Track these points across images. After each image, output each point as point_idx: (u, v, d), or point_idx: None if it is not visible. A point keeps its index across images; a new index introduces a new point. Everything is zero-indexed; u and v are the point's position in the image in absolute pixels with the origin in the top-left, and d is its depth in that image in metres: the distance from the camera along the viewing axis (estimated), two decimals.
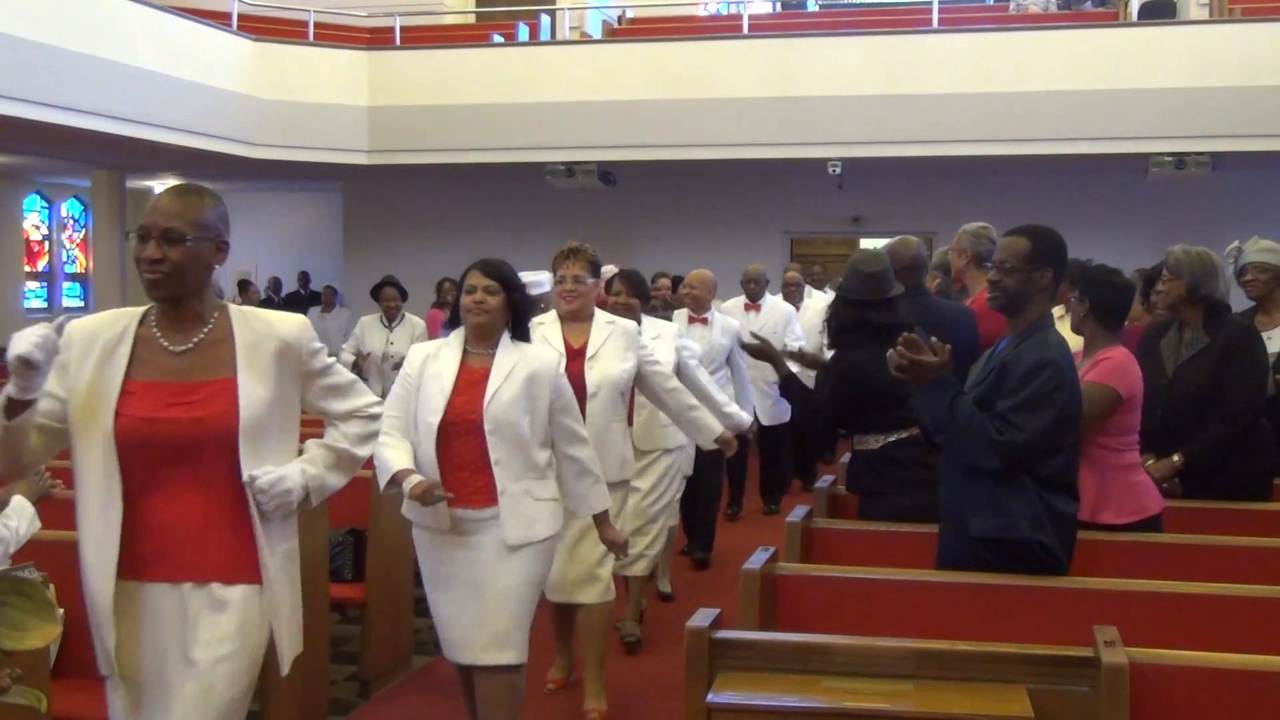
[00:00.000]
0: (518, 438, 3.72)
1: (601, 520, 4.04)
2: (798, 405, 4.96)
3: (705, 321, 6.97)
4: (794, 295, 9.00)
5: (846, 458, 4.56)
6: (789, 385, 4.59)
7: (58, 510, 3.30)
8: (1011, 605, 3.31)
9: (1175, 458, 4.40)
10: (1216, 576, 3.52)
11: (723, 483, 7.56)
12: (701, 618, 3.02)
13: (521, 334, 3.86)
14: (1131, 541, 3.83)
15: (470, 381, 3.75)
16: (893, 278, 4.37)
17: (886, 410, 4.16)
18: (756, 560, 3.43)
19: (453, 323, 3.95)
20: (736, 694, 2.85)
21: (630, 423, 4.87)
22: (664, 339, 5.35)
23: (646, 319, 5.41)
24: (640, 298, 5.41)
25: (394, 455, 3.72)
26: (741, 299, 8.45)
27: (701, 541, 7.09)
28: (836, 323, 4.39)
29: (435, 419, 3.71)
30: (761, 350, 4.68)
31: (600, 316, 4.74)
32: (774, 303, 8.47)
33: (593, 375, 4.58)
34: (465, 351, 3.84)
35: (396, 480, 3.68)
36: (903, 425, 4.19)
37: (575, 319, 4.69)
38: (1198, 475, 4.42)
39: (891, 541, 3.98)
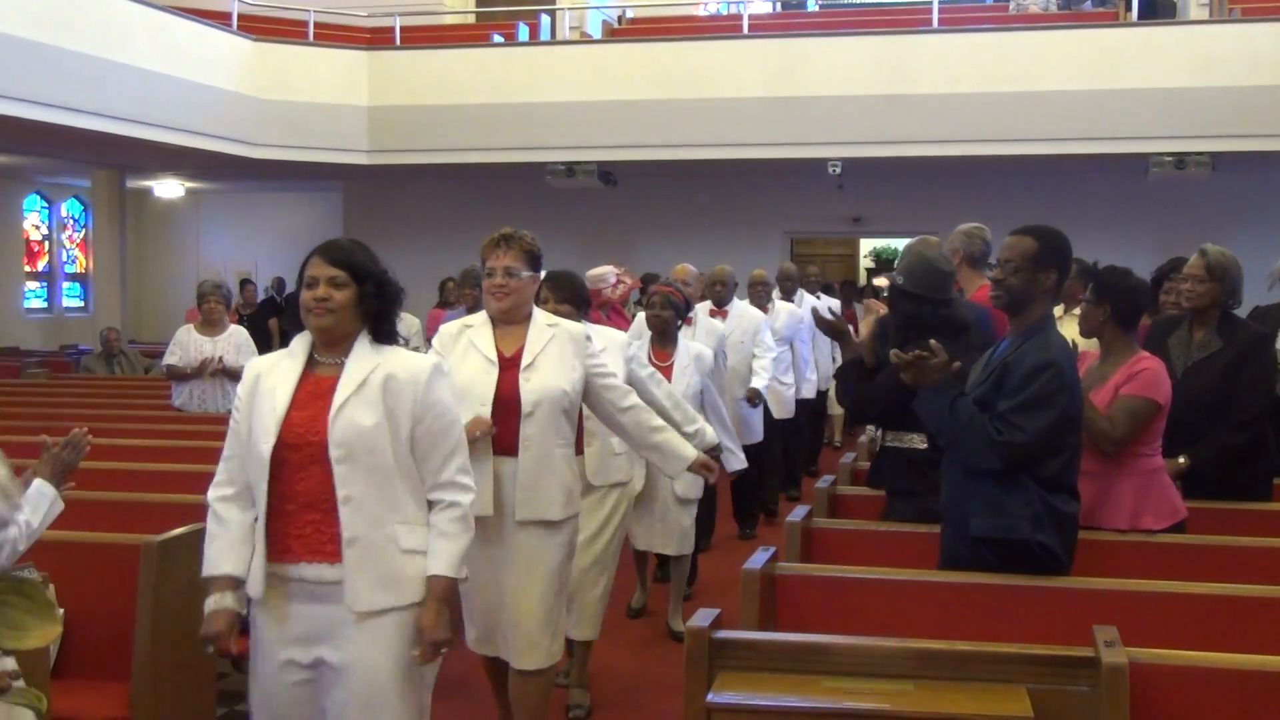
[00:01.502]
0: (375, 467, 2.86)
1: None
2: (851, 391, 4.46)
3: (690, 322, 6.43)
4: (761, 297, 8.00)
5: (847, 458, 4.55)
6: (851, 368, 4.37)
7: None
8: (1011, 605, 3.31)
9: (1181, 460, 4.39)
10: (1217, 576, 3.52)
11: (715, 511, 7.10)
12: (701, 618, 3.01)
13: (385, 335, 3.00)
14: (1131, 541, 3.83)
15: (314, 394, 2.91)
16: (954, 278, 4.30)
17: None
18: (756, 560, 3.43)
19: (295, 327, 3.07)
20: (736, 694, 2.84)
21: (580, 450, 4.10)
22: (611, 350, 4.53)
23: (589, 326, 4.54)
24: (575, 303, 4.58)
25: (217, 547, 2.93)
26: (706, 305, 7.45)
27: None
28: (902, 318, 4.16)
29: (267, 445, 2.85)
30: (834, 328, 4.49)
31: (540, 318, 3.97)
32: (742, 309, 7.60)
33: (529, 389, 3.80)
34: (311, 360, 2.99)
35: (208, 590, 2.92)
36: None
37: (508, 320, 3.92)
38: (1202, 477, 4.42)
39: (891, 541, 3.98)
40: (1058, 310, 4.19)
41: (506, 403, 3.79)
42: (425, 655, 2.85)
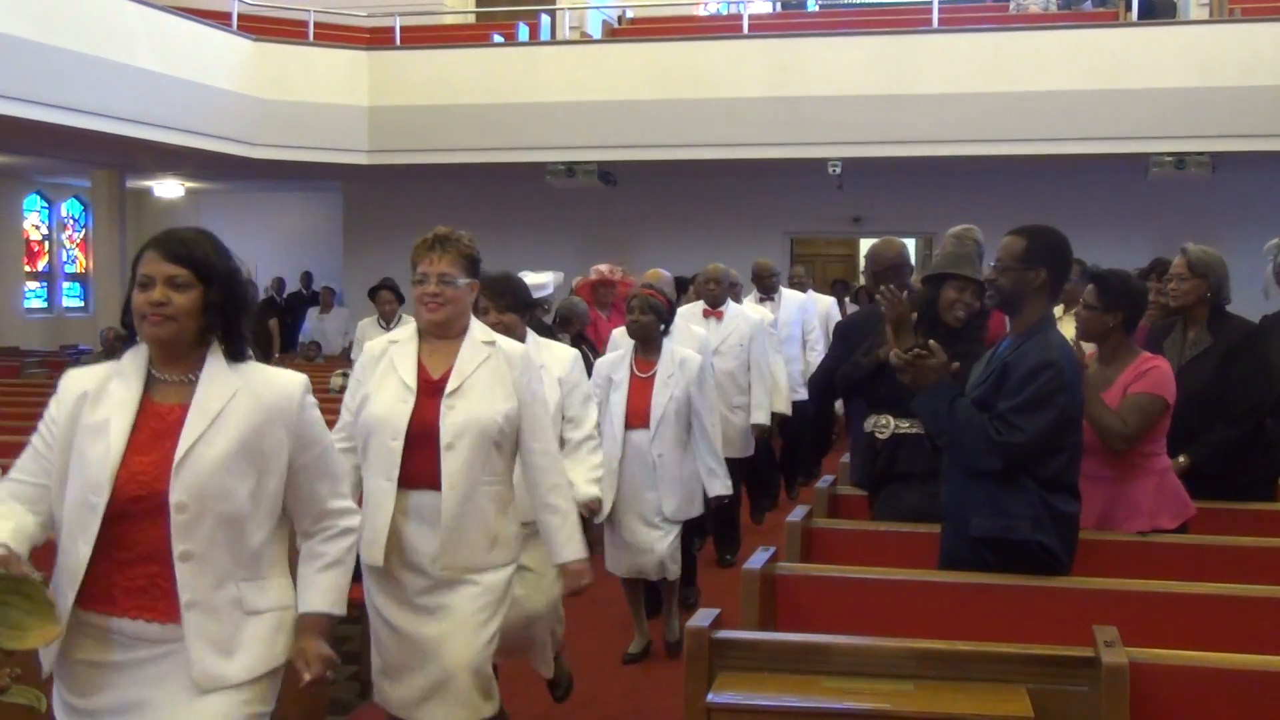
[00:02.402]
0: (226, 517, 2.39)
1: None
2: (857, 385, 4.40)
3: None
4: (716, 298, 6.91)
5: (847, 458, 4.55)
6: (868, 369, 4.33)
7: None
8: (1011, 605, 3.32)
9: (1181, 459, 4.40)
10: (1217, 576, 3.52)
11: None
12: (701, 618, 3.02)
13: (237, 350, 2.46)
14: (1131, 541, 3.83)
15: (157, 432, 2.39)
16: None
17: None
18: (756, 560, 3.43)
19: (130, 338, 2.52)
20: (736, 694, 2.85)
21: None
22: (553, 368, 4.07)
23: (533, 339, 4.13)
24: (520, 310, 4.08)
25: None
26: (699, 305, 6.94)
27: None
28: (927, 305, 4.15)
29: (100, 499, 2.34)
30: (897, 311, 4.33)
31: (476, 334, 3.47)
32: (738, 311, 6.97)
33: (451, 419, 3.31)
34: (150, 379, 2.44)
35: None
36: None
37: (441, 335, 3.43)
38: (1203, 476, 4.42)
39: (891, 541, 3.98)
40: (1057, 310, 4.19)
41: (423, 435, 3.30)
42: (314, 672, 2.47)
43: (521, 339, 3.96)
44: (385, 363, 3.43)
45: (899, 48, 12.32)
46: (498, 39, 13.80)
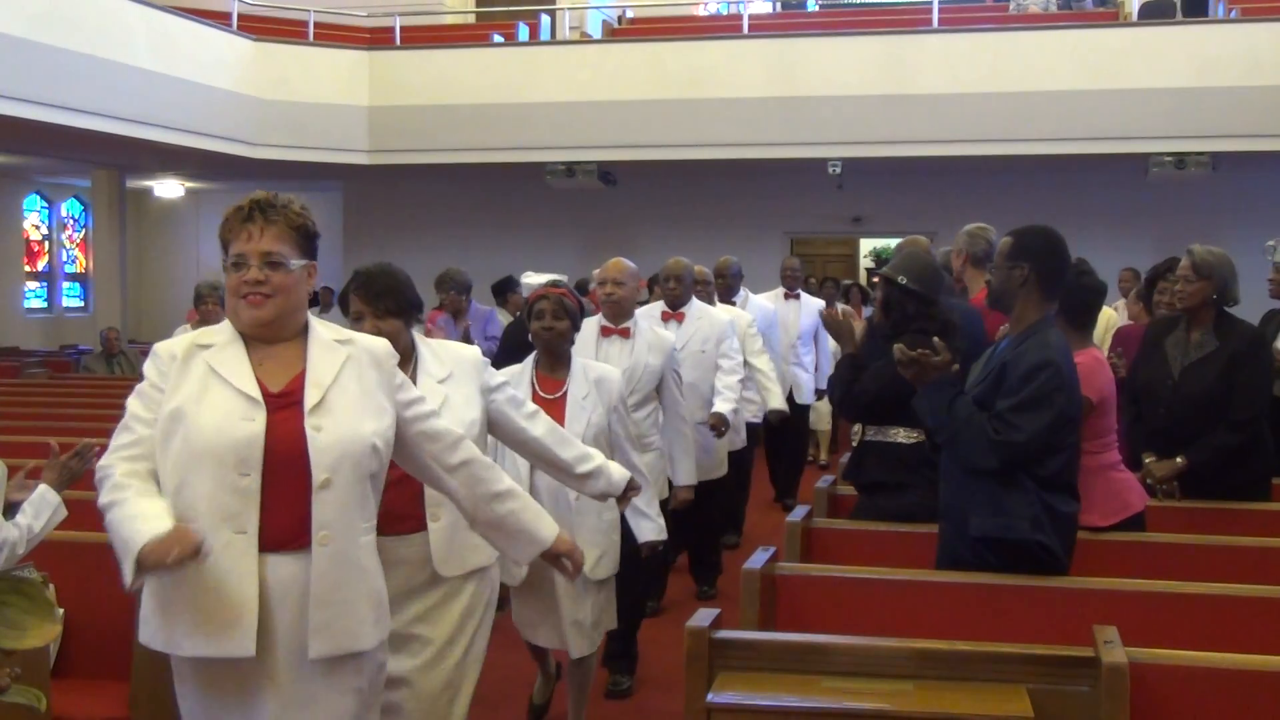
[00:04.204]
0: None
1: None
2: (843, 388, 4.33)
3: (626, 334, 5.06)
4: (676, 299, 6.15)
5: (846, 458, 4.54)
6: (848, 367, 4.30)
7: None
8: (1011, 605, 3.32)
9: (1179, 460, 4.39)
10: (1217, 576, 3.52)
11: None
12: (701, 618, 3.02)
13: None
14: (1132, 541, 3.83)
15: None
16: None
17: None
18: (756, 560, 3.43)
19: None
20: (736, 694, 2.85)
21: (417, 526, 3.16)
22: (460, 377, 3.28)
23: (425, 346, 3.34)
24: (404, 314, 3.26)
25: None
26: (659, 305, 6.23)
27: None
28: (900, 313, 4.10)
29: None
30: (840, 326, 4.33)
31: (321, 332, 2.59)
32: (701, 311, 6.13)
33: (322, 441, 2.45)
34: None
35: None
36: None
37: (269, 338, 2.54)
38: (1200, 477, 4.42)
39: (891, 541, 3.98)
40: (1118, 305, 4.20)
41: (285, 466, 2.43)
42: None
43: (408, 348, 3.23)
44: (197, 370, 2.49)
45: (899, 48, 12.33)
46: (498, 39, 13.80)
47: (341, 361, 2.55)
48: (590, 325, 4.85)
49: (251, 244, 2.49)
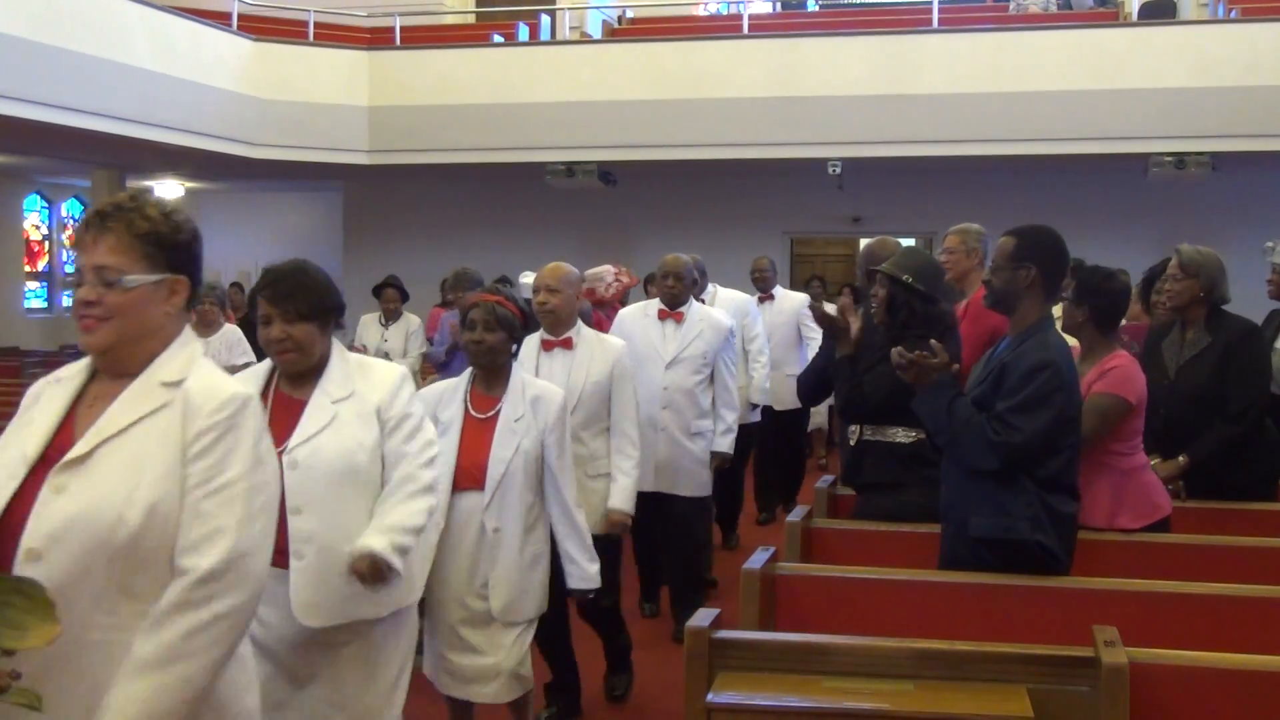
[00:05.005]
0: None
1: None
2: (844, 388, 4.29)
3: (569, 344, 4.56)
4: (676, 297, 5.72)
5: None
6: (845, 366, 4.28)
7: None
8: (1011, 605, 3.32)
9: (1181, 459, 4.40)
10: (1217, 576, 3.52)
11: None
12: (701, 618, 3.02)
13: None
14: (1131, 541, 3.83)
15: None
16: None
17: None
18: (756, 560, 3.43)
19: None
20: (736, 694, 2.84)
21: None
22: (368, 396, 2.94)
23: (344, 358, 3.03)
24: (320, 318, 2.97)
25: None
26: (652, 304, 5.83)
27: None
28: (906, 312, 4.06)
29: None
30: (833, 323, 4.29)
31: (163, 369, 2.10)
32: (703, 313, 5.74)
33: (52, 511, 2.02)
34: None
35: None
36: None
37: (112, 370, 2.13)
38: (1203, 476, 4.42)
39: (891, 541, 3.98)
40: (1056, 310, 4.20)
41: (6, 537, 2.01)
42: None
43: (324, 358, 2.96)
44: (35, 408, 2.15)
45: (899, 48, 12.32)
46: (497, 39, 13.80)
47: (148, 410, 2.04)
48: (533, 339, 4.45)
49: (84, 256, 2.06)
